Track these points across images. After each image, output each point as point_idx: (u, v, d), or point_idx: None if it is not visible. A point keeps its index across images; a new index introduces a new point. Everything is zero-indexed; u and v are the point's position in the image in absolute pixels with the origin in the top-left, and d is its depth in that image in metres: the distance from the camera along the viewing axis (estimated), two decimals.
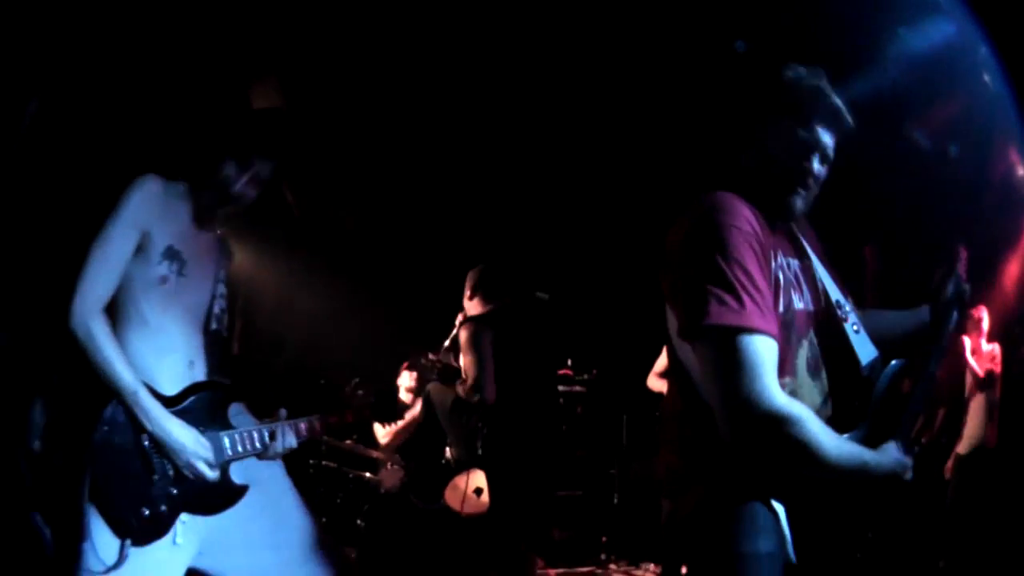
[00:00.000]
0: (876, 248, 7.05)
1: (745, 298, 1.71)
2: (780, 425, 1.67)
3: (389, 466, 5.70)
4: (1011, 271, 6.97)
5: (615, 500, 7.42)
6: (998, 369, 6.11)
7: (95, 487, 2.18)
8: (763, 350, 1.70)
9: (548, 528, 6.92)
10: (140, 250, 2.30)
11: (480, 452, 4.40)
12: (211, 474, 2.35)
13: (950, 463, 6.24)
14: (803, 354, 1.95)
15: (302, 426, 2.62)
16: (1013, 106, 5.77)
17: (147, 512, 2.26)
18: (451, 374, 4.73)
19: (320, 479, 5.49)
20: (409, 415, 5.52)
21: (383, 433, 5.65)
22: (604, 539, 7.17)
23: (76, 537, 2.18)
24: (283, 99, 5.33)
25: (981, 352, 6.22)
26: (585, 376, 7.04)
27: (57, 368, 2.39)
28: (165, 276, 2.33)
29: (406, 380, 6.22)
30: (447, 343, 4.85)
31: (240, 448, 2.46)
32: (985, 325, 6.26)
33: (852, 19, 5.18)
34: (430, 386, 4.93)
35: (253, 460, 2.53)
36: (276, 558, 2.54)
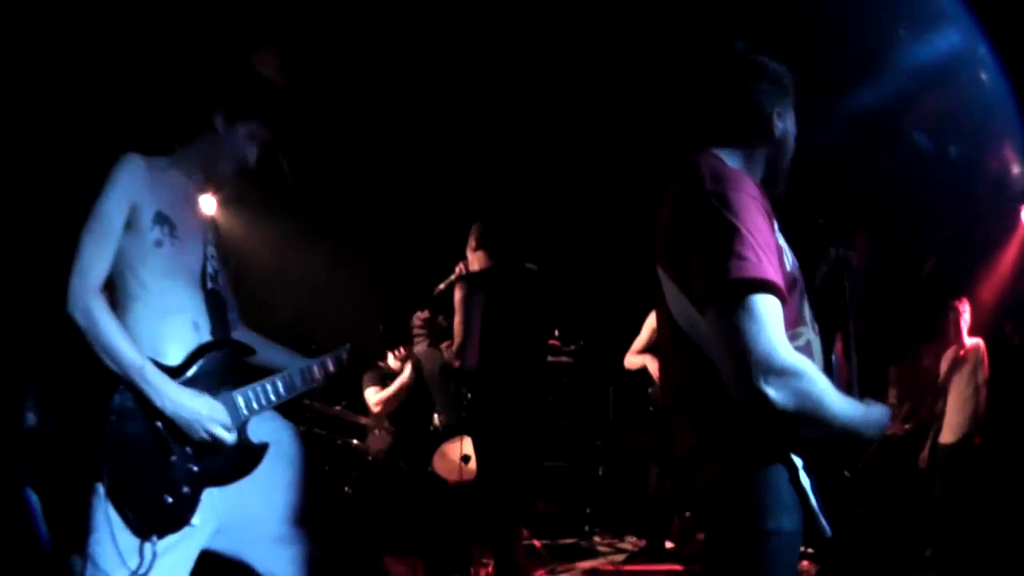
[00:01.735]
0: (868, 232, 7.07)
1: (763, 256, 1.74)
2: (795, 378, 1.67)
3: (376, 432, 5.68)
4: (1003, 264, 7.03)
5: (600, 472, 7.44)
6: (985, 363, 6.09)
7: (113, 485, 2.12)
8: (776, 307, 1.73)
9: (533, 499, 6.94)
10: (130, 225, 2.27)
11: (464, 418, 4.36)
12: (230, 438, 2.31)
13: (924, 453, 6.27)
14: (806, 308, 2.00)
15: (315, 368, 2.59)
16: (1011, 102, 5.80)
17: (170, 499, 2.20)
18: (439, 334, 4.66)
19: (309, 446, 5.45)
20: (399, 381, 5.47)
21: (374, 401, 5.63)
22: (588, 511, 7.19)
23: (82, 536, 2.13)
24: (281, 67, 5.27)
25: (964, 344, 6.22)
26: (572, 347, 7.02)
27: (53, 357, 2.34)
28: (159, 239, 2.30)
29: None
30: (441, 286, 4.74)
31: (255, 405, 2.42)
32: (967, 318, 6.25)
33: (848, 19, 5.19)
34: (418, 351, 4.86)
35: (277, 435, 2.50)
36: (294, 533, 2.49)
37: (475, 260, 4.50)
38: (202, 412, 2.25)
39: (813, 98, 2.23)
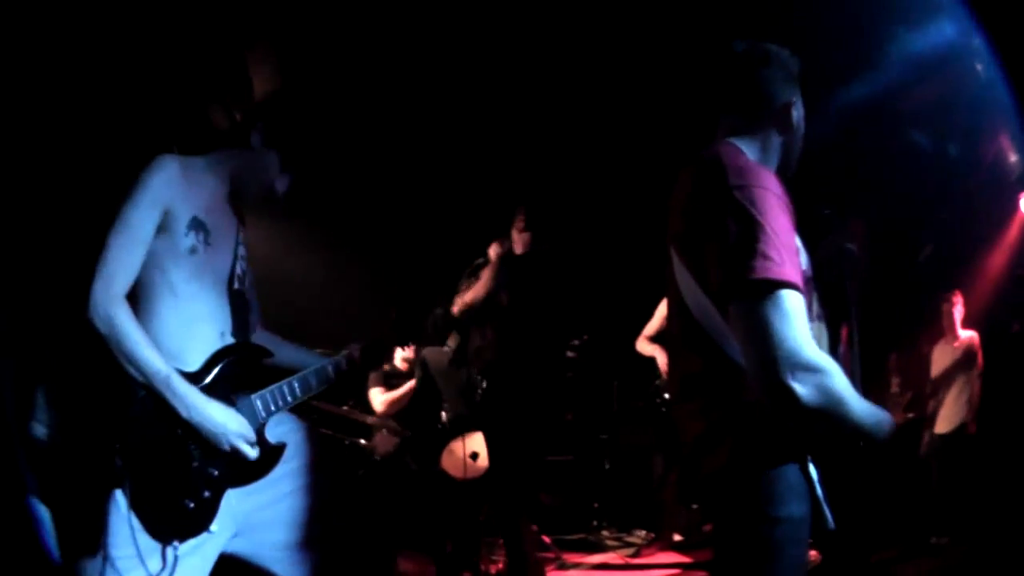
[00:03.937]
0: (863, 222, 7.04)
1: (785, 256, 1.75)
2: (821, 375, 1.70)
3: (383, 431, 5.68)
4: (1002, 249, 7.05)
5: (606, 466, 7.45)
6: (979, 356, 6.19)
7: (135, 492, 2.10)
8: (798, 304, 1.75)
9: (538, 493, 6.94)
10: (163, 229, 2.22)
11: (478, 404, 4.41)
12: (253, 453, 2.30)
13: (924, 440, 6.37)
14: (815, 303, 2.04)
15: (329, 368, 2.56)
16: (1007, 93, 5.81)
17: (191, 504, 2.19)
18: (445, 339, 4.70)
19: (326, 446, 5.44)
20: (408, 384, 5.49)
21: (380, 401, 5.63)
22: (596, 505, 7.19)
23: (101, 542, 2.11)
24: (279, 69, 5.26)
25: (958, 337, 6.29)
26: (576, 341, 7.01)
27: (62, 362, 2.31)
28: (194, 246, 2.26)
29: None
30: (479, 260, 4.77)
31: (273, 407, 2.40)
32: (960, 310, 6.33)
33: (846, 9, 5.19)
34: (425, 351, 4.90)
35: (293, 437, 2.47)
36: (313, 533, 2.47)
37: (520, 241, 4.57)
38: (229, 426, 2.22)
39: (811, 87, 2.22)
